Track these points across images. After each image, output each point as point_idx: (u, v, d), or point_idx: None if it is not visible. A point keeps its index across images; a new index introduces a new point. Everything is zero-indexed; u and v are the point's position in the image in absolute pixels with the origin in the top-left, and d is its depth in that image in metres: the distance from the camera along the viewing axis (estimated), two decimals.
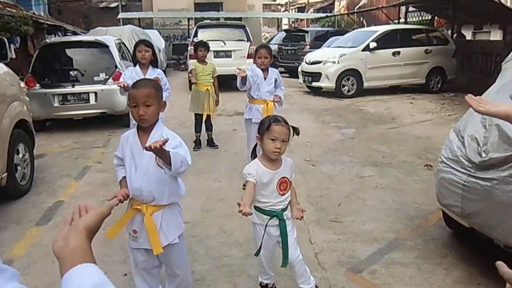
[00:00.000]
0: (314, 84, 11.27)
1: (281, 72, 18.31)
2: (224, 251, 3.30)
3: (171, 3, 23.00)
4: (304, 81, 11.77)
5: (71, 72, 7.30)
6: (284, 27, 31.29)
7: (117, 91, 7.41)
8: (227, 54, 11.82)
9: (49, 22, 15.61)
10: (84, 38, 7.65)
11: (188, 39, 13.60)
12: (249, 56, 11.83)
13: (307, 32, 15.65)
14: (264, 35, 29.54)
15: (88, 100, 7.30)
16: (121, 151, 2.32)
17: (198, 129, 6.27)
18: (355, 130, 7.34)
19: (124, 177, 2.31)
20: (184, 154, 2.19)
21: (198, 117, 6.17)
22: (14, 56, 11.61)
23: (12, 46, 12.14)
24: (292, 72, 15.12)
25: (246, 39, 12.02)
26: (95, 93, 7.30)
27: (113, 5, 32.08)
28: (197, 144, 6.28)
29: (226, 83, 12.85)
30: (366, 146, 6.29)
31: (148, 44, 4.33)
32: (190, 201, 4.22)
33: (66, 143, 6.90)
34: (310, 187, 4.66)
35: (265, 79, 4.38)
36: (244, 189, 4.58)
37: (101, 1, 33.74)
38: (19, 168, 4.54)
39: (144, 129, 2.23)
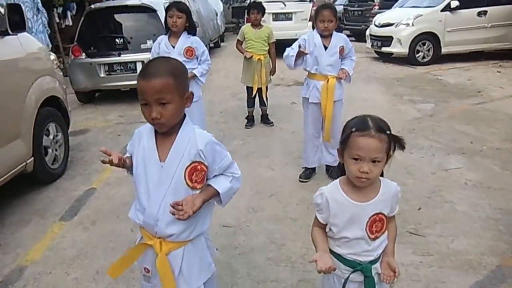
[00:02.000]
0: (384, 49, 10.05)
1: (346, 36, 17.43)
2: (271, 272, 2.60)
3: None
4: (372, 46, 10.56)
5: (117, 40, 6.79)
6: None
7: None
8: (287, 16, 10.84)
9: None
10: (129, 2, 7.05)
11: (247, 1, 12.75)
12: (311, 18, 10.79)
13: None
14: None
15: (135, 70, 6.77)
16: (131, 150, 1.65)
17: (250, 104, 5.54)
18: (434, 106, 6.25)
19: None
20: (235, 183, 1.65)
21: (250, 90, 5.43)
22: (71, 24, 11.40)
23: (68, 13, 11.93)
24: (359, 36, 13.81)
25: (308, 0, 10.92)
26: (142, 62, 6.73)
27: None
28: (250, 120, 5.57)
29: (286, 47, 11.79)
30: (449, 127, 5.24)
31: (181, 8, 3.57)
32: (235, 195, 3.55)
33: (111, 116, 6.48)
34: None
35: (325, 48, 3.47)
36: (301, 181, 4.02)
37: None
38: (49, 150, 4.09)
39: (164, 133, 1.55)
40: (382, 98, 6.73)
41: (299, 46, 3.41)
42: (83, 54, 6.83)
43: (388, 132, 1.48)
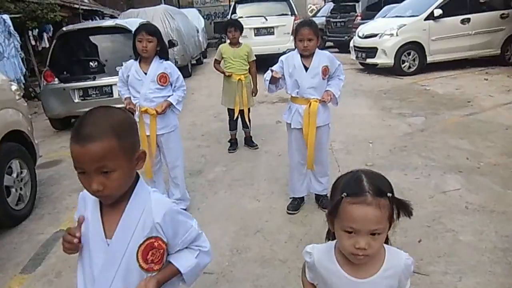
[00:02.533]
0: (369, 60, 9.86)
1: (329, 47, 17.07)
2: None
3: None
4: (357, 57, 10.38)
5: (91, 63, 6.46)
6: None
7: None
8: (269, 31, 10.64)
9: (84, 7, 15.01)
10: (103, 24, 6.76)
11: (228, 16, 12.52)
12: (293, 32, 10.60)
13: (357, 1, 14.02)
14: (310, 7, 27.76)
15: (111, 93, 6.45)
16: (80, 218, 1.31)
17: (232, 127, 5.24)
18: (424, 119, 6.01)
19: None
20: (202, 258, 1.35)
21: (231, 112, 5.13)
22: (47, 45, 11.04)
23: (44, 34, 11.59)
24: (342, 47, 13.70)
25: (290, 13, 10.76)
26: None
27: None
28: (232, 144, 5.26)
29: (269, 63, 11.54)
30: (442, 142, 4.99)
31: (151, 30, 3.25)
32: (218, 233, 3.24)
33: None
34: None
35: (306, 69, 3.14)
36: (288, 212, 3.53)
37: None
38: (12, 190, 3.73)
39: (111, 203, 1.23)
40: (370, 113, 6.48)
41: (272, 71, 3.12)
42: (56, 79, 6.48)
43: (389, 194, 1.14)
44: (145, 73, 3.29)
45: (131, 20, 7.71)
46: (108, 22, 6.65)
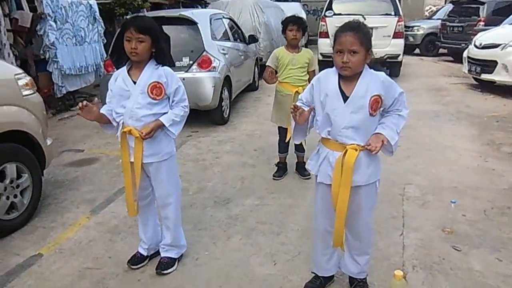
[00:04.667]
0: (484, 76, 8.10)
1: (442, 55, 15.21)
2: None
3: None
4: (469, 71, 8.63)
5: None
6: None
7: (203, 79, 5.83)
8: None
9: None
10: (167, 14, 6.20)
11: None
12: (396, 35, 9.22)
13: (483, 3, 11.91)
14: (430, 8, 25.15)
15: None
16: None
17: (282, 149, 4.28)
18: None
19: None
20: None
21: (282, 131, 4.17)
22: None
23: None
24: (457, 56, 11.75)
25: (393, 13, 9.32)
26: None
27: None
28: (280, 169, 4.30)
29: None
30: None
31: (143, 26, 2.44)
32: None
33: None
34: None
35: (345, 98, 2.07)
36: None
37: None
38: (3, 198, 3.24)
39: None
40: (470, 147, 5.02)
41: (294, 109, 2.10)
42: (115, 70, 6.06)
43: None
44: (134, 82, 2.50)
45: (199, 11, 7.10)
46: (172, 13, 6.07)
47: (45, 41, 7.20)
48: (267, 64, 4.10)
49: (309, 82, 3.95)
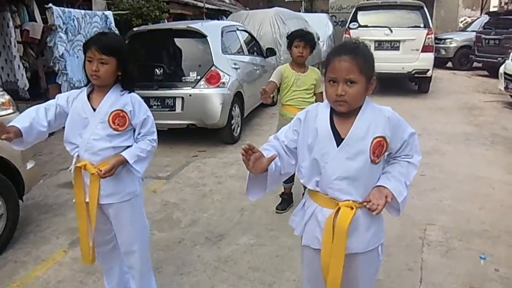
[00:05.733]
0: None
1: (477, 69, 14.36)
2: None
3: None
4: (507, 88, 7.93)
5: (156, 70, 5.59)
6: (494, 10, 25.10)
7: (210, 96, 5.45)
8: (393, 45, 8.79)
9: (209, 6, 14.75)
10: (175, 26, 5.88)
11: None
12: (425, 49, 8.62)
13: None
14: (464, 19, 24.17)
15: (173, 107, 5.52)
16: None
17: (287, 178, 3.81)
18: None
19: None
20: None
21: None
22: None
23: None
24: (492, 71, 10.98)
25: (423, 25, 8.75)
26: (182, 98, 5.46)
27: None
28: (284, 202, 3.83)
29: (389, 85, 9.61)
30: None
31: (107, 46, 2.01)
32: None
33: None
34: None
35: (339, 141, 1.59)
36: None
37: None
38: None
39: None
40: (505, 179, 4.39)
41: (245, 152, 1.53)
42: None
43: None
44: (94, 109, 2.11)
45: (210, 23, 6.72)
46: (180, 25, 5.75)
47: (54, 53, 7.02)
48: (270, 79, 3.66)
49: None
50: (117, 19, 9.01)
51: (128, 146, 2.13)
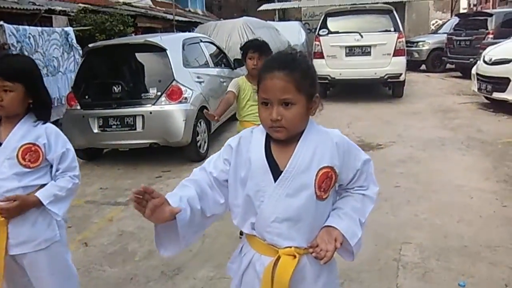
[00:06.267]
0: (497, 95, 7.29)
1: (450, 70, 14.41)
2: None
3: None
4: (479, 89, 7.82)
5: (114, 87, 5.26)
6: (463, 12, 25.50)
7: (172, 112, 5.14)
8: (364, 50, 8.63)
9: (179, 18, 14.49)
10: (132, 40, 5.59)
11: None
12: (396, 53, 8.49)
13: (490, 15, 11.17)
14: (436, 21, 24.46)
15: (133, 126, 5.19)
16: None
17: None
18: None
19: None
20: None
21: None
22: None
23: None
24: (465, 71, 10.96)
25: (393, 29, 8.62)
26: (142, 116, 5.14)
27: None
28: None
29: (361, 91, 9.49)
30: None
31: (11, 72, 1.66)
32: None
33: (91, 188, 4.91)
34: None
35: (277, 174, 1.29)
36: None
37: None
38: None
39: None
40: (483, 186, 4.18)
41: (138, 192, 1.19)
42: (78, 104, 5.44)
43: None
44: (0, 144, 1.78)
45: (170, 36, 6.43)
46: (137, 39, 5.46)
47: None
48: (228, 90, 3.36)
49: None
50: (80, 35, 8.68)
51: (43, 185, 1.81)
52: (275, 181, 1.29)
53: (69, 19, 8.66)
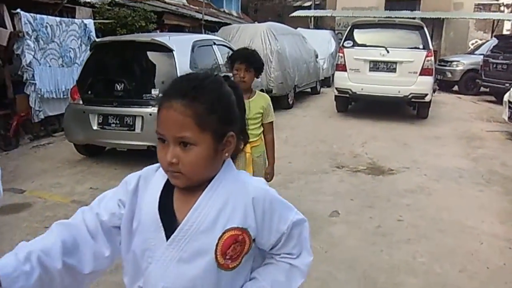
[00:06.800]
0: None
1: (484, 94, 13.67)
2: None
3: (358, 1, 19.76)
4: (510, 118, 7.28)
5: (117, 85, 5.09)
6: (506, 33, 24.39)
7: None
8: (389, 67, 8.20)
9: (208, 18, 14.32)
10: (139, 38, 5.39)
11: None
12: (423, 72, 8.03)
13: None
14: (476, 41, 23.51)
15: (132, 127, 5.00)
16: None
17: None
18: None
19: None
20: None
21: None
22: None
23: None
24: (500, 97, 10.31)
25: (422, 46, 8.17)
26: (142, 117, 4.94)
27: (307, 3, 30.61)
28: None
29: (384, 109, 9.05)
30: None
31: None
32: None
33: (82, 187, 4.75)
34: None
35: (171, 230, 1.00)
36: None
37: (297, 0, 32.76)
38: None
39: None
40: (496, 230, 3.75)
41: None
42: (80, 98, 5.30)
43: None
44: None
45: (179, 36, 6.20)
46: (143, 37, 5.27)
47: (22, 61, 6.59)
48: None
49: (264, 137, 3.01)
50: (102, 28, 8.61)
51: None
52: (167, 239, 1.00)
53: (93, 12, 8.58)
